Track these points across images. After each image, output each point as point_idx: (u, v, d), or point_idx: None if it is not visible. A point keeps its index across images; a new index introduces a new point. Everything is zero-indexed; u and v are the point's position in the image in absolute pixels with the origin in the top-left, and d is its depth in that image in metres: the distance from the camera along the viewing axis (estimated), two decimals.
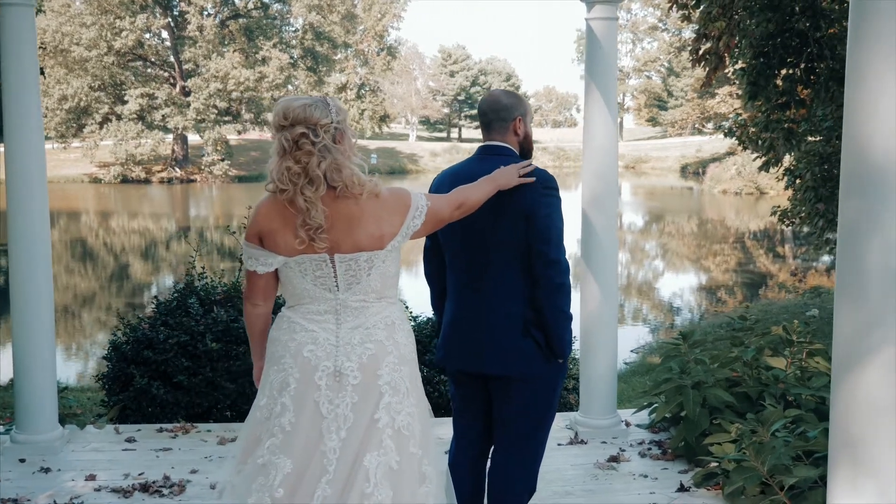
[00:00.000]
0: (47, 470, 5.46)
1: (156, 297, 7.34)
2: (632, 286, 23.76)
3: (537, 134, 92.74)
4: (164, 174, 52.66)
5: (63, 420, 6.11)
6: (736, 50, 11.83)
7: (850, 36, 2.99)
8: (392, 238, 3.23)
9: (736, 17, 11.02)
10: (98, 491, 5.18)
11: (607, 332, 6.02)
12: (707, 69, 11.65)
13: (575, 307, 6.27)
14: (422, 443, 3.24)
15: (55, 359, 5.89)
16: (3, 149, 5.65)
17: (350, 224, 3.16)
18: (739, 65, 12.12)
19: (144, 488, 5.20)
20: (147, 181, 51.63)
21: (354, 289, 3.22)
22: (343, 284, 3.22)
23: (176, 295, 6.87)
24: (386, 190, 3.26)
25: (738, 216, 38.46)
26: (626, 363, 13.96)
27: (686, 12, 11.80)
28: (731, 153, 48.73)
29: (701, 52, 11.58)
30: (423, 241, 3.88)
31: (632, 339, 15.54)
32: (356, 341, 3.21)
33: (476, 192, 3.51)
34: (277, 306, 3.47)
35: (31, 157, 5.55)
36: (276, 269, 3.29)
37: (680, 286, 23.72)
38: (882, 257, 2.92)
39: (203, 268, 7.19)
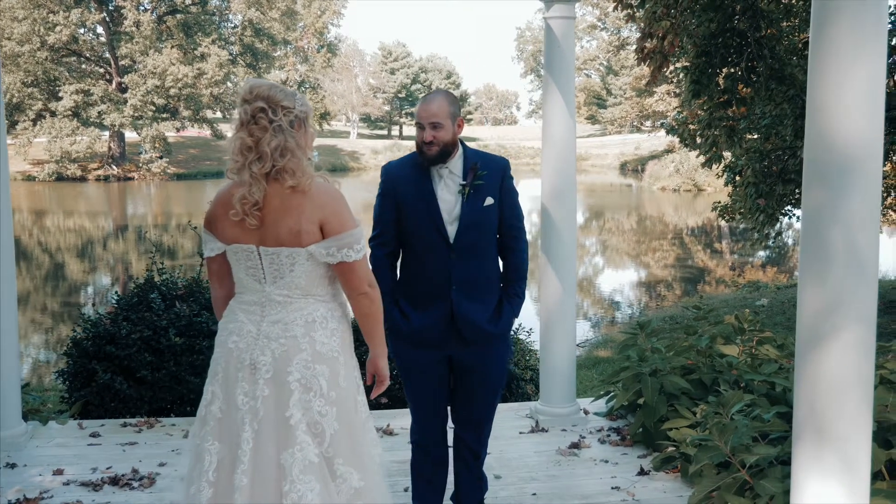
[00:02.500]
0: (13, 465, 5.45)
1: (116, 292, 7.30)
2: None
3: (478, 132, 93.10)
4: (100, 172, 51.73)
5: (26, 416, 6.09)
6: (678, 49, 12.13)
7: (813, 28, 3.17)
8: (312, 242, 3.24)
9: (679, 17, 11.30)
10: (67, 485, 5.18)
11: (566, 323, 6.18)
12: (652, 67, 11.92)
13: (530, 299, 6.46)
14: (335, 443, 3.24)
15: (18, 355, 5.86)
16: None
17: (276, 217, 3.23)
18: (681, 63, 12.42)
19: (114, 481, 5.22)
20: (83, 179, 50.68)
21: (279, 283, 3.30)
22: (269, 277, 3.31)
23: (137, 290, 6.87)
24: (318, 188, 3.26)
25: (676, 213, 39.12)
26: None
27: (630, 11, 12.06)
28: (669, 151, 49.56)
29: (646, 51, 11.83)
30: None
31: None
32: (273, 335, 3.28)
33: (377, 323, 3.48)
34: None
35: None
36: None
37: (620, 282, 24.08)
38: (843, 241, 3.11)
39: (163, 263, 7.19)
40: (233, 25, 58.37)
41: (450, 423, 4.35)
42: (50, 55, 49.69)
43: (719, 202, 14.44)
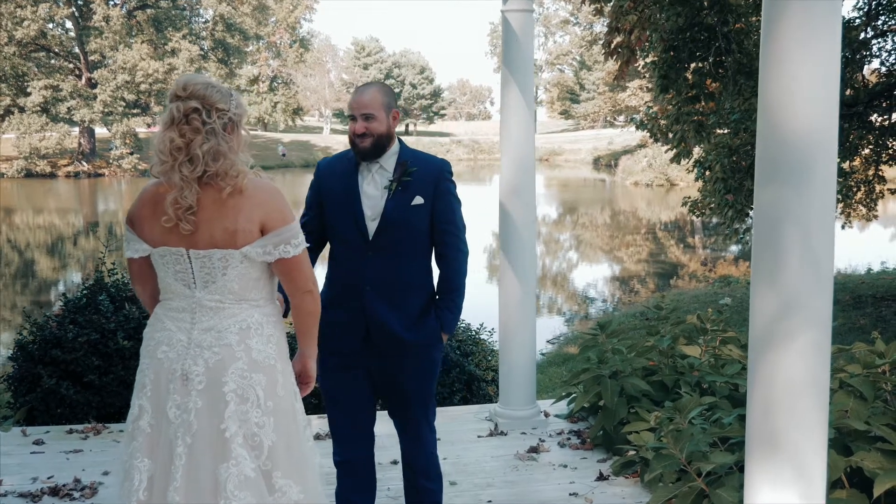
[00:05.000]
0: None
1: (64, 294, 7.09)
2: (547, 277, 24.00)
3: (451, 127, 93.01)
4: (70, 168, 51.21)
5: None
6: (647, 44, 12.04)
7: (764, 21, 3.03)
8: (247, 242, 3.07)
9: (647, 11, 11.20)
10: (4, 496, 4.98)
11: (526, 323, 6.04)
12: (619, 62, 11.82)
13: (493, 298, 6.32)
14: (273, 456, 3.09)
15: None
16: None
17: (209, 219, 3.05)
18: (650, 58, 12.33)
19: (54, 492, 5.02)
20: (53, 175, 50.12)
21: (210, 288, 3.11)
22: (200, 282, 3.11)
23: (85, 292, 6.65)
24: (254, 185, 3.10)
25: (649, 207, 39.18)
26: (542, 353, 14.08)
27: (598, 6, 11.95)
28: (642, 146, 49.66)
29: (613, 46, 11.73)
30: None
31: (547, 330, 15.67)
32: (206, 344, 3.09)
33: (316, 321, 3.34)
34: None
35: None
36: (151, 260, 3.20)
37: (594, 277, 24.04)
38: (797, 242, 2.95)
39: (114, 263, 6.98)
40: (204, 20, 57.92)
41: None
42: (18, 50, 49.08)
43: (689, 198, 14.37)
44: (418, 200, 3.79)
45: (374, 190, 3.78)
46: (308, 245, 3.30)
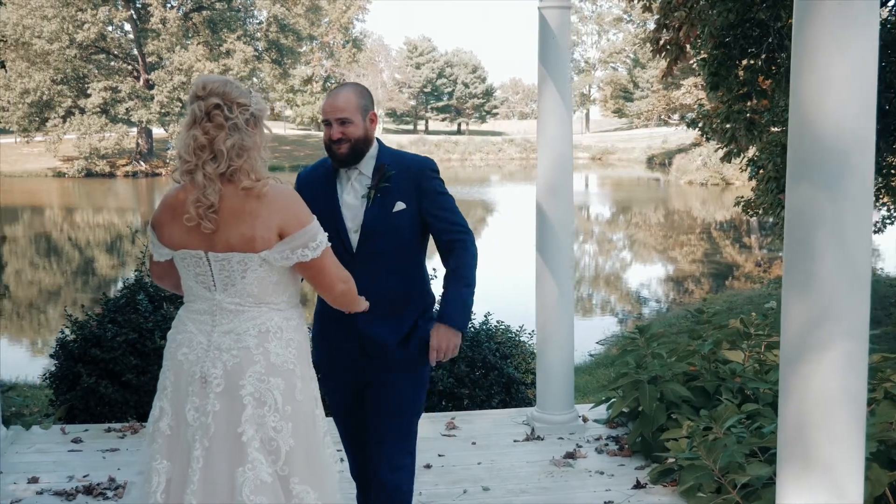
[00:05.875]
0: None
1: (104, 293, 7.15)
2: (599, 277, 23.84)
3: (504, 126, 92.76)
4: (128, 168, 52.07)
5: (9, 420, 5.93)
6: (697, 40, 11.82)
7: (796, 17, 2.89)
8: (266, 248, 3.03)
9: (696, 6, 10.98)
10: (40, 494, 5.01)
11: (563, 325, 5.93)
12: (668, 60, 11.60)
13: (530, 300, 6.21)
14: (291, 461, 3.04)
15: None
16: None
17: (228, 221, 3.01)
18: (702, 55, 12.11)
19: (88, 491, 5.04)
20: (111, 175, 51.02)
21: (230, 290, 3.08)
22: (220, 284, 3.09)
23: (125, 291, 6.70)
24: (274, 191, 3.05)
25: (703, 207, 38.68)
26: (591, 355, 13.94)
27: (646, 2, 11.75)
28: (696, 144, 48.96)
29: (661, 43, 11.52)
30: None
31: (598, 331, 15.53)
32: (225, 346, 3.06)
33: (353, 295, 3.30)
34: None
35: None
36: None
37: (647, 277, 23.82)
38: (831, 247, 2.79)
39: None
40: (258, 21, 58.41)
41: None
42: (79, 53, 50.05)
43: (742, 197, 14.11)
44: (400, 206, 3.58)
45: (353, 199, 3.61)
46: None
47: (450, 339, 3.60)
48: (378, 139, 3.71)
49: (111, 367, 6.31)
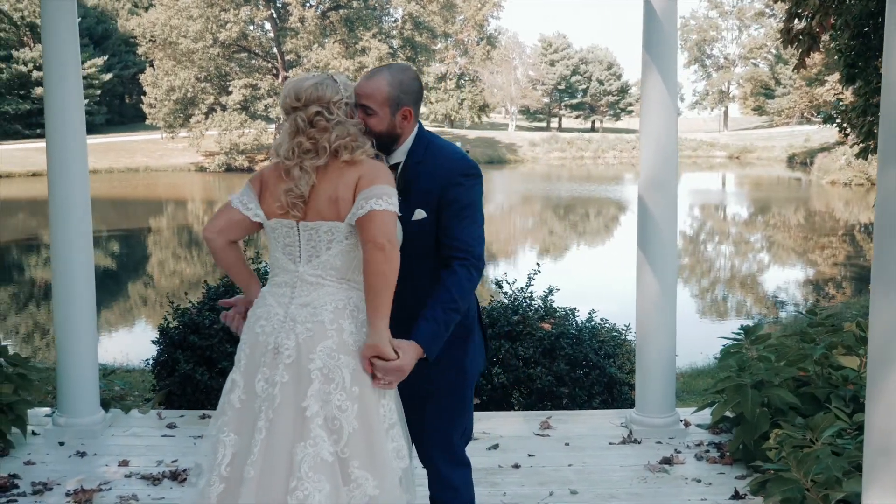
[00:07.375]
0: (83, 454, 5.39)
1: (205, 281, 7.24)
2: (735, 279, 23.05)
3: (639, 123, 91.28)
4: (266, 163, 53.42)
5: (108, 404, 6.06)
6: (836, 31, 11.17)
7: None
8: (348, 211, 3.01)
9: None
10: (128, 477, 5.07)
11: (664, 325, 5.63)
12: (800, 50, 10.98)
13: (630, 298, 5.94)
14: (353, 444, 2.96)
15: (96, 343, 5.83)
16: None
17: (317, 188, 3.05)
18: (837, 46, 11.45)
19: (174, 476, 5.08)
20: (250, 170, 52.60)
21: (314, 262, 3.08)
22: (304, 256, 3.09)
23: (225, 279, 6.76)
24: (369, 161, 3.09)
25: (847, 208, 36.92)
26: (716, 357, 13.42)
27: None
28: (840, 143, 46.77)
29: (793, 33, 10.92)
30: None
31: (731, 334, 14.95)
32: (300, 319, 3.04)
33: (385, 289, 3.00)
34: None
35: (70, 147, 5.51)
36: (256, 229, 3.24)
37: (785, 279, 22.86)
38: None
39: (257, 252, 7.07)
40: (393, 19, 59.20)
41: None
42: (221, 51, 51.87)
43: None
44: (419, 214, 3.14)
45: None
46: None
47: (409, 364, 3.05)
48: (420, 124, 3.28)
49: (208, 353, 6.37)
